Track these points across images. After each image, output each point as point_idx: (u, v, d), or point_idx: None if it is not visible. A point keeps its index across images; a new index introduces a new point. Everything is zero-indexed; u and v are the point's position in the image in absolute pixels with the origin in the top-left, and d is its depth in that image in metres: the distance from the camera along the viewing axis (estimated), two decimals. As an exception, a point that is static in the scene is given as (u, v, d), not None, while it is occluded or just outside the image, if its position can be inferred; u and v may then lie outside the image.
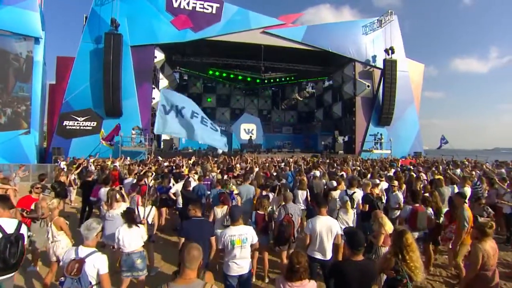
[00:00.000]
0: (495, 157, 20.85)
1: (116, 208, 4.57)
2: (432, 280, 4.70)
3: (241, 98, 33.23)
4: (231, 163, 12.11)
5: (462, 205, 4.52)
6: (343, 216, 4.68)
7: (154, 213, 4.65)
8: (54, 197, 4.36)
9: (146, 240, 3.86)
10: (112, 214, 4.53)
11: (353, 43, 22.46)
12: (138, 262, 3.56)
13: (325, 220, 3.57)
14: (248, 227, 3.32)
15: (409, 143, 23.11)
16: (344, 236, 2.41)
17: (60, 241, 3.90)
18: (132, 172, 7.25)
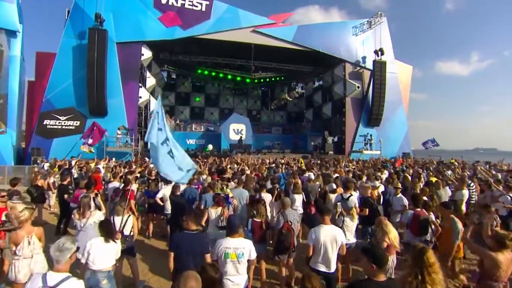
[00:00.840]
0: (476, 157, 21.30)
1: (89, 217, 4.11)
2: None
3: (230, 97, 32.82)
4: (222, 165, 11.74)
5: (449, 217, 4.16)
6: (349, 224, 4.41)
7: (132, 222, 4.21)
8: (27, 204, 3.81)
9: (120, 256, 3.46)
10: (84, 223, 4.05)
11: (343, 44, 22.49)
12: (104, 283, 3.07)
13: (329, 229, 3.29)
14: (247, 241, 2.98)
15: (398, 143, 23.36)
16: (364, 253, 2.12)
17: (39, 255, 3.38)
18: (117, 175, 6.77)
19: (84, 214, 4.12)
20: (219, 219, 4.63)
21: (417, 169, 10.36)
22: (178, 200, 5.36)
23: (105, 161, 12.14)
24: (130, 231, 4.16)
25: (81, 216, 4.12)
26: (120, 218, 4.09)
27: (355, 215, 4.43)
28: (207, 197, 5.91)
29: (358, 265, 4.56)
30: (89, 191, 5.13)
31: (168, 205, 5.97)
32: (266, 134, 31.47)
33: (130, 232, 4.16)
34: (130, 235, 4.15)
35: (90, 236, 3.77)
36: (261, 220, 4.06)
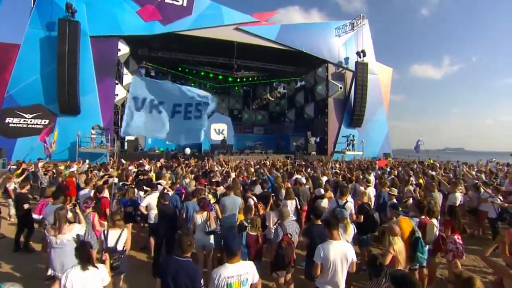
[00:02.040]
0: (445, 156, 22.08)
1: (66, 232, 3.54)
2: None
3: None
4: (206, 167, 11.18)
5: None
6: (343, 235, 4.08)
7: (127, 236, 3.69)
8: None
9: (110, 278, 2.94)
10: (61, 240, 3.51)
11: (326, 45, 22.54)
12: None
13: (340, 246, 2.93)
14: (249, 264, 2.54)
15: (379, 144, 23.79)
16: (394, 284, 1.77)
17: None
18: (90, 181, 6.06)
19: (60, 229, 3.54)
20: (206, 224, 4.46)
21: (406, 171, 10.32)
22: (167, 210, 4.82)
23: (78, 164, 11.19)
24: (124, 245, 3.64)
25: (57, 232, 3.54)
26: (114, 232, 3.56)
27: (349, 225, 4.10)
28: (190, 205, 5.43)
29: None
30: (56, 201, 4.45)
31: (152, 214, 5.40)
32: (248, 134, 31.10)
33: (124, 247, 3.64)
34: (124, 250, 3.63)
35: (68, 253, 3.35)
36: (257, 233, 3.64)
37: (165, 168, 10.36)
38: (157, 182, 7.01)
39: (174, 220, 4.84)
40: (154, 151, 21.78)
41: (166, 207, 4.90)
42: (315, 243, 3.75)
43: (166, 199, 4.98)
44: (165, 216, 4.80)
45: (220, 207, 5.26)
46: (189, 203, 5.50)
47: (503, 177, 9.52)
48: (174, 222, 4.84)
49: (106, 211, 5.07)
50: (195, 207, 5.36)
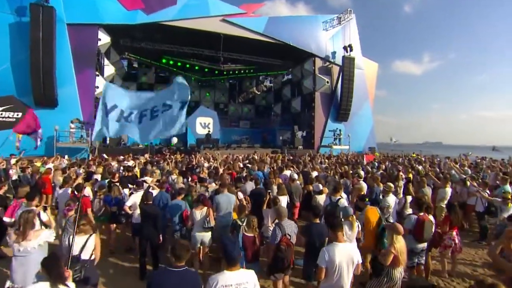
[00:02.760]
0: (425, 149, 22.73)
1: (32, 239, 3.14)
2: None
3: (197, 90, 31.36)
4: (192, 162, 10.84)
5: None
6: (348, 233, 3.95)
7: (95, 242, 3.31)
8: None
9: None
10: (25, 247, 3.06)
11: (313, 39, 22.40)
12: None
13: (345, 248, 2.77)
14: (249, 272, 2.32)
15: (364, 138, 24.13)
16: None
17: None
18: (69, 180, 5.61)
19: (25, 235, 3.10)
20: (205, 220, 4.41)
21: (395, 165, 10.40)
22: (151, 211, 4.49)
23: (56, 159, 10.54)
24: (91, 254, 3.26)
25: (20, 238, 3.10)
26: (80, 239, 3.18)
27: (354, 223, 3.98)
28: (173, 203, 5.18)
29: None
30: (31, 203, 4.04)
31: (136, 214, 5.08)
32: (234, 128, 30.71)
33: (91, 256, 3.26)
34: (91, 259, 3.24)
35: (33, 263, 2.91)
36: (254, 234, 3.43)
37: (150, 163, 9.93)
38: (142, 179, 6.66)
39: (159, 220, 4.54)
40: (138, 145, 21.06)
41: (149, 207, 4.58)
42: (313, 242, 3.60)
43: (150, 198, 4.66)
44: (148, 216, 4.50)
45: (213, 205, 5.03)
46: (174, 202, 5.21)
47: (486, 171, 9.77)
48: (159, 223, 4.55)
49: (88, 212, 4.71)
50: (181, 206, 5.12)
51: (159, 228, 4.52)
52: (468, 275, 4.87)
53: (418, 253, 4.08)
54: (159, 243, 4.56)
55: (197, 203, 4.64)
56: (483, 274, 4.91)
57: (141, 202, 4.64)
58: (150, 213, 4.44)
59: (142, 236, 4.48)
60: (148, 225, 4.42)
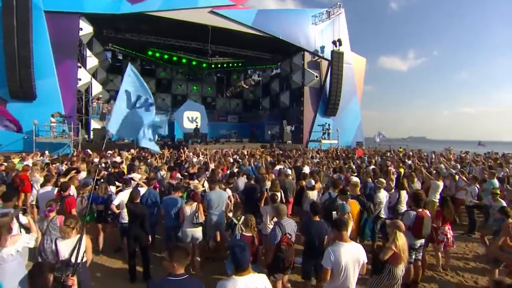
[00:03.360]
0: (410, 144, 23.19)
1: (8, 245, 2.86)
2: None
3: (184, 83, 30.73)
4: (181, 157, 10.56)
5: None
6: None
7: (86, 245, 3.07)
8: None
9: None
10: (0, 255, 2.76)
11: (302, 32, 22.24)
12: None
13: (351, 248, 2.66)
14: (261, 276, 2.14)
15: (352, 133, 24.38)
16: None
17: None
18: (51, 178, 5.25)
19: (1, 242, 2.83)
20: (194, 215, 4.39)
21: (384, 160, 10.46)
22: (138, 210, 4.26)
23: (36, 155, 9.98)
24: (83, 257, 3.02)
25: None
26: (67, 242, 2.92)
27: (351, 222, 3.91)
28: (166, 200, 4.99)
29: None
30: (8, 204, 3.72)
31: (124, 213, 4.83)
32: (222, 123, 30.37)
33: (83, 259, 3.02)
34: (83, 262, 3.02)
35: (10, 272, 2.67)
36: (252, 234, 3.28)
37: (138, 159, 9.58)
38: (129, 177, 6.37)
39: (146, 220, 4.32)
40: (123, 140, 20.45)
41: (136, 206, 4.34)
42: (313, 240, 3.50)
43: (137, 196, 4.42)
44: (135, 216, 4.26)
45: (204, 202, 4.84)
46: (167, 198, 5.04)
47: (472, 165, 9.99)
48: (147, 223, 4.33)
49: (73, 212, 4.42)
50: (178, 202, 4.95)
51: (147, 229, 4.30)
52: (461, 268, 4.93)
53: (416, 249, 4.06)
54: (148, 243, 4.34)
55: (188, 199, 4.64)
56: (475, 267, 4.99)
57: (128, 201, 4.40)
58: (137, 213, 4.21)
59: (130, 236, 4.24)
60: (136, 225, 4.19)
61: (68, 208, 4.48)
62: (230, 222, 4.19)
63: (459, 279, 4.58)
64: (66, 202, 4.48)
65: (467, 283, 4.49)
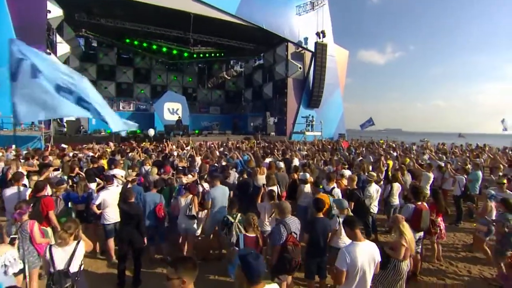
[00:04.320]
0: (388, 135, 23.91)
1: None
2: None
3: (164, 73, 29.58)
4: (165, 150, 10.09)
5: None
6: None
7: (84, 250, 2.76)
8: None
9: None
10: None
11: (286, 23, 21.91)
12: None
13: (366, 248, 2.50)
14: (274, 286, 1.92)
15: (334, 125, 24.63)
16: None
17: None
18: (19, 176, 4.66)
19: None
20: (188, 207, 4.36)
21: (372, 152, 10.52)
22: (133, 211, 3.91)
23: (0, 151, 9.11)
24: (80, 264, 2.70)
25: None
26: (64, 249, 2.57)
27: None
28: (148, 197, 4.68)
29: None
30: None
31: (109, 213, 4.44)
32: (204, 114, 29.69)
33: (80, 266, 2.70)
34: (80, 271, 2.69)
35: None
36: (256, 234, 3.05)
37: (119, 153, 9.00)
38: (112, 173, 5.90)
39: (143, 220, 4.00)
40: (100, 133, 19.46)
41: (131, 206, 3.99)
42: (317, 238, 3.34)
43: (131, 196, 4.05)
44: (130, 217, 3.91)
45: (208, 200, 4.57)
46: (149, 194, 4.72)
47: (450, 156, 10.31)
48: (143, 224, 4.00)
49: (50, 214, 3.97)
50: (155, 199, 4.66)
51: (143, 230, 3.96)
52: (454, 258, 5.02)
53: (415, 242, 4.01)
54: (143, 246, 4.00)
55: (184, 191, 4.57)
56: (466, 256, 5.10)
57: (120, 201, 4.02)
58: (132, 214, 3.85)
59: (122, 239, 3.87)
60: (130, 227, 3.84)
61: (44, 210, 4.02)
62: (225, 220, 3.94)
63: (453, 269, 4.65)
64: (42, 203, 4.01)
65: (460, 272, 4.57)
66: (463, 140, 16.52)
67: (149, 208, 4.53)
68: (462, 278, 4.38)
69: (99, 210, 4.51)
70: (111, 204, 4.54)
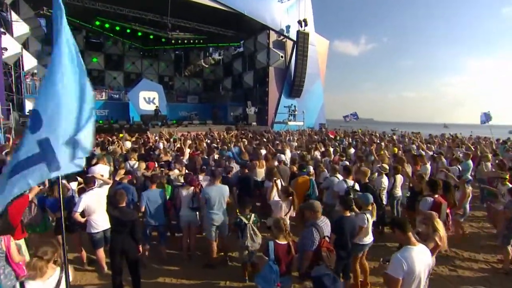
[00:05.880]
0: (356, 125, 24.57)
1: None
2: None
3: (138, 60, 27.83)
4: (149, 143, 9.37)
5: None
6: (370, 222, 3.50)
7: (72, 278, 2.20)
8: None
9: None
10: None
11: (268, 10, 21.27)
12: None
13: (422, 253, 2.23)
14: None
15: (315, 115, 24.72)
16: None
17: None
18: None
19: None
20: (192, 199, 4.31)
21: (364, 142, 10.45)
22: (126, 217, 3.35)
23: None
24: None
25: None
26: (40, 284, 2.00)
27: (374, 212, 3.57)
28: (151, 194, 4.21)
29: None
30: None
31: (97, 220, 3.85)
32: (181, 103, 28.47)
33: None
34: None
35: None
36: (288, 241, 2.69)
37: (97, 146, 8.16)
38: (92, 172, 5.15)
39: (137, 227, 3.46)
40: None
41: (123, 211, 3.44)
42: (345, 239, 3.07)
43: (122, 199, 3.49)
44: (122, 224, 3.36)
45: (202, 200, 4.14)
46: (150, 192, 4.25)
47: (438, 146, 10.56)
48: (137, 230, 3.47)
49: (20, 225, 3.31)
50: (160, 196, 4.24)
51: (138, 237, 3.44)
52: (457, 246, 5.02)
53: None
54: (138, 256, 3.48)
55: (185, 184, 4.48)
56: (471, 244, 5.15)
57: (109, 206, 3.47)
58: (125, 220, 3.30)
59: (115, 250, 3.31)
60: (123, 236, 3.29)
61: (16, 219, 3.34)
62: (238, 222, 3.56)
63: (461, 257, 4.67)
64: (10, 212, 3.31)
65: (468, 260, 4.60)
66: (447, 131, 17.22)
67: (152, 207, 4.11)
68: (471, 266, 4.41)
69: (83, 218, 3.88)
70: (97, 209, 3.90)
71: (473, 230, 5.86)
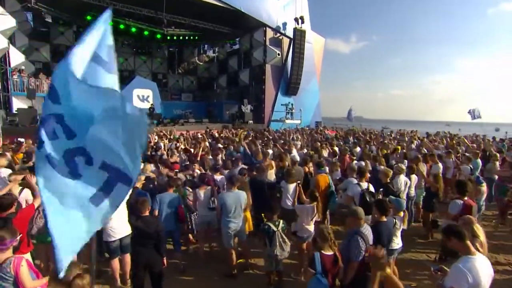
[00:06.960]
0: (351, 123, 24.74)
1: None
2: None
3: (130, 57, 27.16)
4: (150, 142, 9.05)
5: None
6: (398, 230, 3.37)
7: None
8: None
9: None
10: None
11: (265, 7, 21.02)
12: None
13: (484, 263, 2.10)
14: None
15: (311, 113, 24.69)
16: None
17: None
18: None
19: None
20: (210, 200, 4.30)
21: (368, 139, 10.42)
22: (151, 229, 3.10)
23: None
24: None
25: None
26: None
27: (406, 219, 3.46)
28: (164, 197, 4.01)
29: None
30: None
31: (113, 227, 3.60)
32: (176, 101, 27.97)
33: None
34: None
35: None
36: (334, 251, 2.53)
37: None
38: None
39: (163, 238, 3.23)
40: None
41: (148, 221, 3.19)
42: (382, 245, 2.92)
43: (145, 206, 3.25)
44: (147, 236, 3.11)
45: (217, 207, 3.95)
46: (164, 195, 4.05)
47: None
48: (163, 242, 3.25)
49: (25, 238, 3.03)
50: (173, 201, 4.07)
51: (163, 249, 3.22)
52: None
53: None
54: (162, 268, 3.25)
55: (201, 183, 4.44)
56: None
57: (131, 215, 3.22)
58: (150, 232, 3.05)
59: (139, 263, 3.07)
60: (147, 248, 3.06)
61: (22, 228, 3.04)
62: (266, 229, 3.37)
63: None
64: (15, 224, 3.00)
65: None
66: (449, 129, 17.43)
67: (166, 211, 3.92)
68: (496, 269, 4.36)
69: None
70: (115, 215, 3.69)
71: (487, 229, 5.85)
